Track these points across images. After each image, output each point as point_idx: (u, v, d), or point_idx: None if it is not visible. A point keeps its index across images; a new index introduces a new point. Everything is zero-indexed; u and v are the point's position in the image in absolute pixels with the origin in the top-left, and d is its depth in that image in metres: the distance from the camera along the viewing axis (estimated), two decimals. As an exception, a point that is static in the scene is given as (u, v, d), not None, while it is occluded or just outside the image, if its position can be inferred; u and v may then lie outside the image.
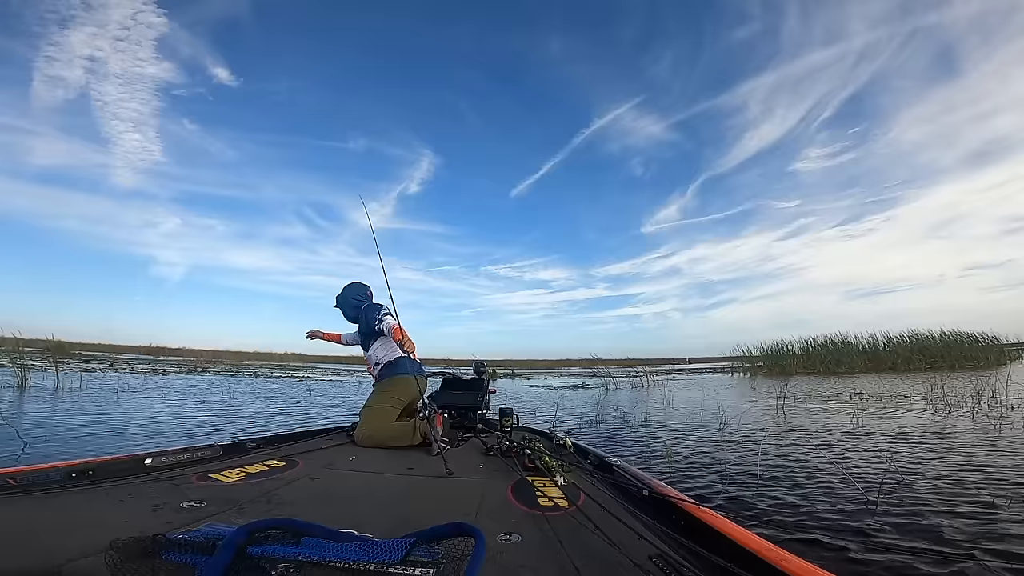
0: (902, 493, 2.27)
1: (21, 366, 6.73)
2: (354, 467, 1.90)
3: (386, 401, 2.55)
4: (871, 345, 16.14)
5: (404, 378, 2.64)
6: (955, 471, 2.65)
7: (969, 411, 5.03)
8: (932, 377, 8.20)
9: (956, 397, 5.98)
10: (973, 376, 8.65)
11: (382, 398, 2.56)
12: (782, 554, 0.85)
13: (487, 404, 3.13)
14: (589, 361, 15.46)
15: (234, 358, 26.17)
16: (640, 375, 12.29)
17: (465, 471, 1.88)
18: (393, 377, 2.65)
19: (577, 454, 2.19)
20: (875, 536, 1.78)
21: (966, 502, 2.12)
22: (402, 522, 1.21)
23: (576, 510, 1.26)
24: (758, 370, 16.40)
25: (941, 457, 3.01)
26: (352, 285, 2.93)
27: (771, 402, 6.61)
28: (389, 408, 2.53)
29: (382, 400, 2.56)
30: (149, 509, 1.22)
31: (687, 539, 1.02)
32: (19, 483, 1.29)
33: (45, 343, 13.36)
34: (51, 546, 0.92)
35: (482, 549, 0.75)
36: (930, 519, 1.93)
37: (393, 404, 2.56)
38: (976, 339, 15.33)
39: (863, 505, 2.12)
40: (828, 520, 1.97)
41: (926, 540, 1.72)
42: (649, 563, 0.93)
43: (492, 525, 1.17)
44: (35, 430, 3.76)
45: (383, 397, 2.57)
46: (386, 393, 2.58)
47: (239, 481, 1.58)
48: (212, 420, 4.88)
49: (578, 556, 0.98)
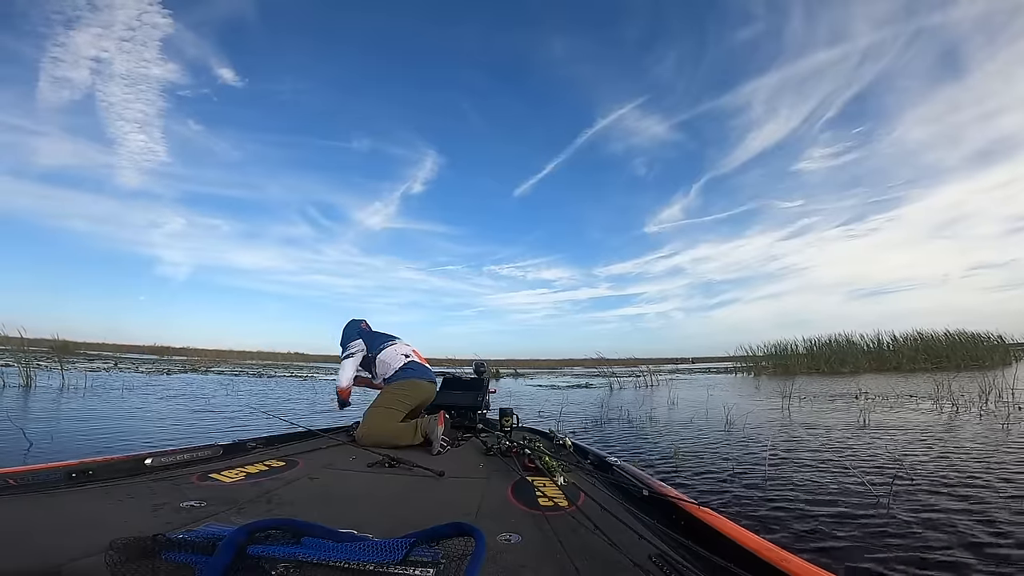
0: (911, 494, 2.26)
1: (26, 365, 6.76)
2: (354, 467, 1.90)
3: (390, 403, 2.53)
4: (875, 345, 16.11)
5: (413, 381, 2.63)
6: (964, 472, 2.63)
7: (976, 411, 5.00)
8: (938, 377, 8.15)
9: (963, 397, 5.95)
10: (979, 376, 8.60)
11: (386, 399, 2.55)
12: (782, 554, 0.84)
13: (487, 404, 3.13)
14: (593, 361, 15.43)
15: (238, 357, 26.34)
16: (644, 375, 12.26)
17: (465, 471, 1.87)
18: (401, 380, 2.64)
19: (577, 454, 2.18)
20: (884, 538, 1.76)
21: (975, 503, 2.10)
22: (402, 522, 1.21)
23: (576, 510, 1.26)
24: (762, 370, 16.38)
25: (950, 458, 3.00)
26: (346, 326, 2.93)
27: (777, 402, 6.60)
28: (393, 410, 2.50)
29: (386, 401, 2.54)
30: (149, 509, 1.22)
31: (687, 539, 1.02)
32: (19, 483, 1.30)
33: (50, 342, 13.49)
34: (51, 546, 0.92)
35: (482, 549, 0.75)
36: (939, 521, 1.91)
37: (398, 406, 2.53)
38: (981, 339, 15.25)
39: (872, 507, 2.11)
40: (836, 522, 1.95)
41: (935, 542, 1.71)
42: (649, 563, 0.93)
43: (492, 525, 1.17)
44: (41, 430, 3.78)
45: (387, 398, 2.55)
46: (392, 395, 2.56)
47: (239, 481, 1.58)
48: (216, 420, 4.90)
49: (578, 556, 0.97)
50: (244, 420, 4.95)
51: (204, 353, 25.83)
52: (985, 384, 6.19)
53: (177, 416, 5.05)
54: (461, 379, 3.32)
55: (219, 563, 0.66)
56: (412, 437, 2.33)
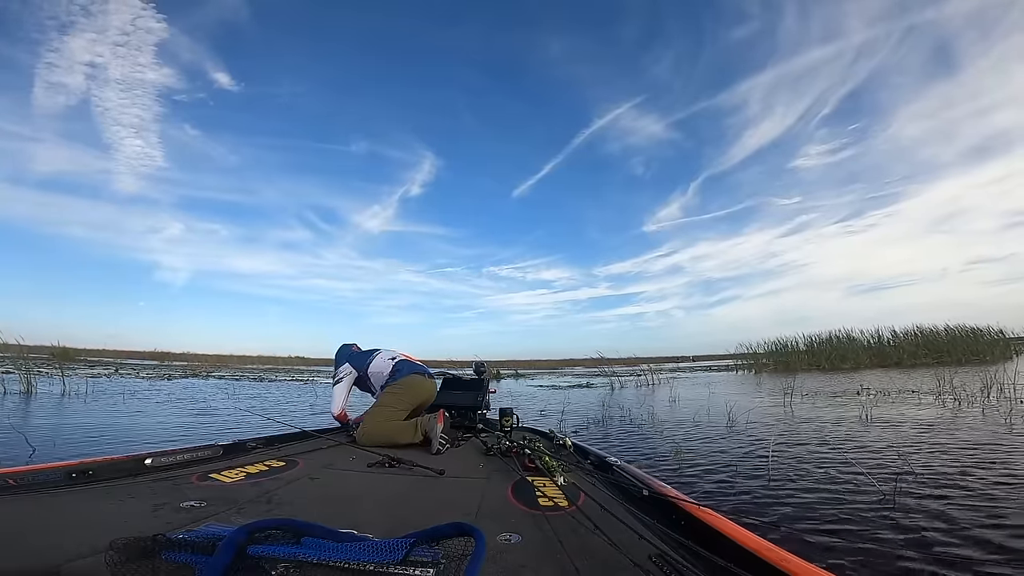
0: (915, 491, 2.25)
1: (27, 372, 6.79)
2: (354, 467, 1.90)
3: (390, 403, 2.53)
4: (876, 340, 16.05)
5: (407, 379, 2.63)
6: (968, 467, 2.63)
7: (979, 405, 4.99)
8: (939, 372, 8.13)
9: (965, 391, 5.93)
10: (980, 370, 8.58)
11: (386, 400, 2.55)
12: (782, 554, 0.84)
13: (487, 404, 3.13)
14: (593, 360, 15.40)
15: (238, 362, 26.39)
16: (644, 373, 12.20)
17: (465, 471, 1.87)
18: (398, 380, 2.64)
19: (577, 454, 2.18)
20: (889, 535, 1.76)
21: (983, 500, 2.09)
22: (402, 522, 1.21)
23: (576, 510, 1.26)
24: (763, 367, 16.34)
25: (953, 453, 2.99)
26: (337, 353, 2.94)
27: (778, 399, 6.57)
28: (393, 409, 2.51)
29: (387, 400, 2.54)
30: (149, 509, 1.22)
31: (687, 539, 1.02)
32: (19, 483, 1.30)
33: (51, 349, 13.52)
34: (51, 546, 0.92)
35: (482, 549, 0.75)
36: (944, 517, 1.91)
37: (398, 405, 2.53)
38: (981, 333, 15.23)
39: (877, 504, 2.10)
40: (841, 520, 1.95)
41: (939, 539, 1.71)
42: (649, 563, 0.93)
43: (492, 525, 1.17)
44: (43, 435, 3.79)
45: (387, 399, 2.55)
46: (391, 395, 2.57)
47: (239, 481, 1.58)
48: (215, 421, 4.91)
49: (578, 556, 0.97)
50: (246, 422, 4.96)
51: (205, 358, 25.79)
52: (987, 379, 6.17)
53: (179, 419, 5.06)
54: (461, 379, 3.32)
55: (219, 563, 0.66)
56: (412, 435, 2.33)
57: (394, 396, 2.56)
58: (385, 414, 2.48)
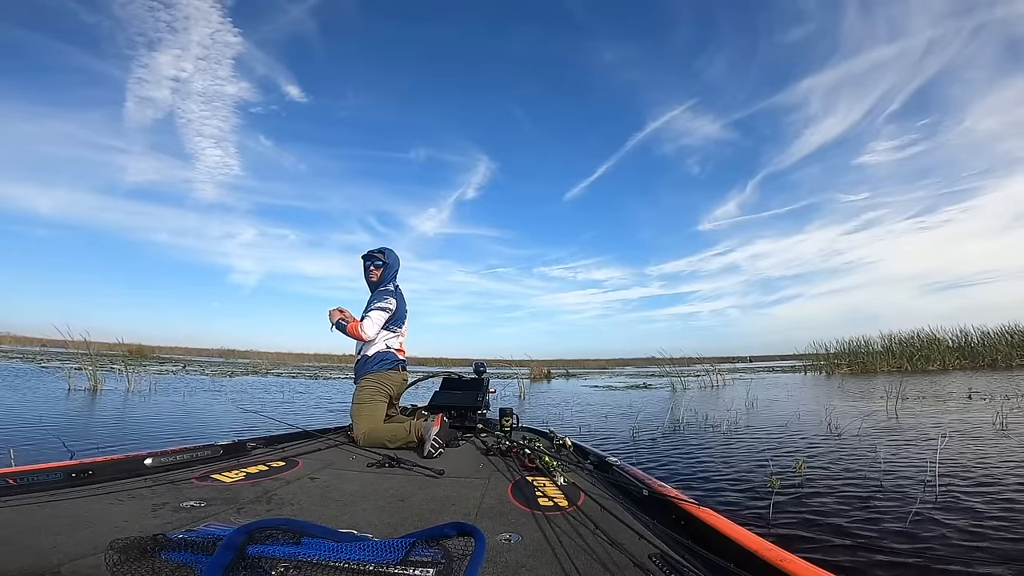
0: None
1: (94, 370, 6.95)
2: (354, 467, 1.90)
3: (369, 397, 2.55)
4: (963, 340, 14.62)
5: (382, 373, 2.63)
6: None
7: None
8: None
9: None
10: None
11: (363, 394, 2.56)
12: (782, 554, 0.84)
13: (487, 404, 3.13)
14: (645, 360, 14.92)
15: (296, 360, 26.95)
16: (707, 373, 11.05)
17: (465, 471, 1.87)
18: (368, 374, 2.63)
19: (577, 454, 2.19)
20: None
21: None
22: (402, 522, 1.21)
23: (576, 510, 1.26)
24: (836, 368, 15.08)
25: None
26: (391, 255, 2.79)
27: (874, 403, 5.80)
28: (376, 403, 2.54)
29: (365, 396, 2.55)
30: (149, 509, 1.22)
31: (687, 539, 1.02)
32: (19, 483, 1.30)
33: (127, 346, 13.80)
34: (51, 546, 0.92)
35: (482, 549, 0.75)
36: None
37: (379, 397, 2.57)
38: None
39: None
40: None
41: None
42: (649, 563, 0.93)
43: (492, 525, 1.17)
44: (90, 431, 3.84)
45: (364, 393, 2.56)
46: (366, 390, 2.58)
47: (239, 481, 1.58)
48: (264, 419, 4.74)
49: (578, 556, 0.97)
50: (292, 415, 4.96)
51: (266, 355, 26.80)
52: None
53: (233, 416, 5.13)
54: (461, 379, 3.32)
55: (219, 563, 0.66)
56: (406, 437, 2.33)
57: (370, 391, 2.58)
58: (373, 411, 2.50)
